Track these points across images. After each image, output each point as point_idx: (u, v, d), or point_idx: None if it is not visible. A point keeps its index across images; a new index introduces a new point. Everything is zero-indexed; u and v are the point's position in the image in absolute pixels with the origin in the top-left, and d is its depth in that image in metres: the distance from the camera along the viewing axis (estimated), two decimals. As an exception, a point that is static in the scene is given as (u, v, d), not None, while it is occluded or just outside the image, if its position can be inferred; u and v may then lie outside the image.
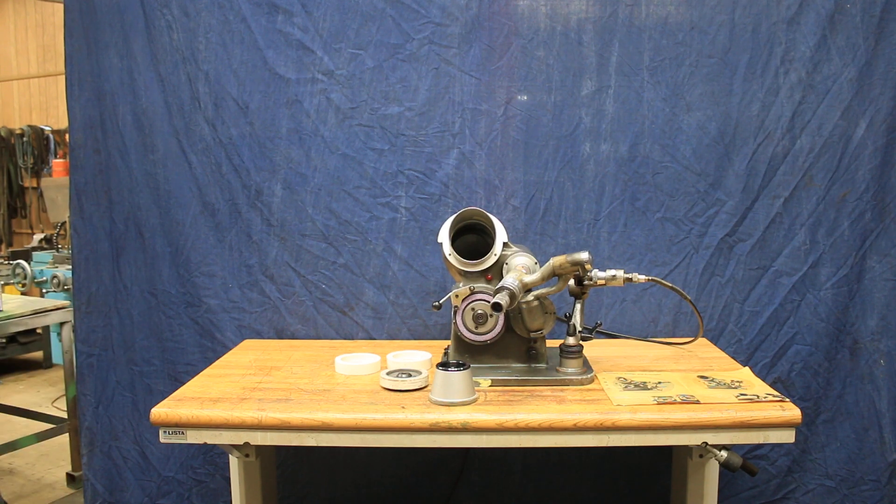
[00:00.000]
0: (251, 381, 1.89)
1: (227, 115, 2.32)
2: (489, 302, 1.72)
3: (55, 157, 6.95)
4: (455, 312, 1.86)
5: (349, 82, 2.28)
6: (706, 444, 1.62)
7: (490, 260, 1.86)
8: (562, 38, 2.24)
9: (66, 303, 3.41)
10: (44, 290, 5.13)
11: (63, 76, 2.47)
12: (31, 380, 5.12)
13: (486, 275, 1.88)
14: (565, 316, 1.89)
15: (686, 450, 1.82)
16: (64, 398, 3.72)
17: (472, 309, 1.85)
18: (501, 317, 1.85)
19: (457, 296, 1.85)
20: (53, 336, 5.12)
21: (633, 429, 1.61)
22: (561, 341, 1.87)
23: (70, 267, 2.66)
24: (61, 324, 3.38)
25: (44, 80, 7.35)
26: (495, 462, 2.39)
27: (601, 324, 2.00)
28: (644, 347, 2.20)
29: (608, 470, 2.37)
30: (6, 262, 5.54)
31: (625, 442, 1.63)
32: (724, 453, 1.62)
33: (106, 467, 2.51)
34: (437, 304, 1.84)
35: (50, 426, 3.52)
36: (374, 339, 2.36)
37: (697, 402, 1.66)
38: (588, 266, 1.75)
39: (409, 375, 1.80)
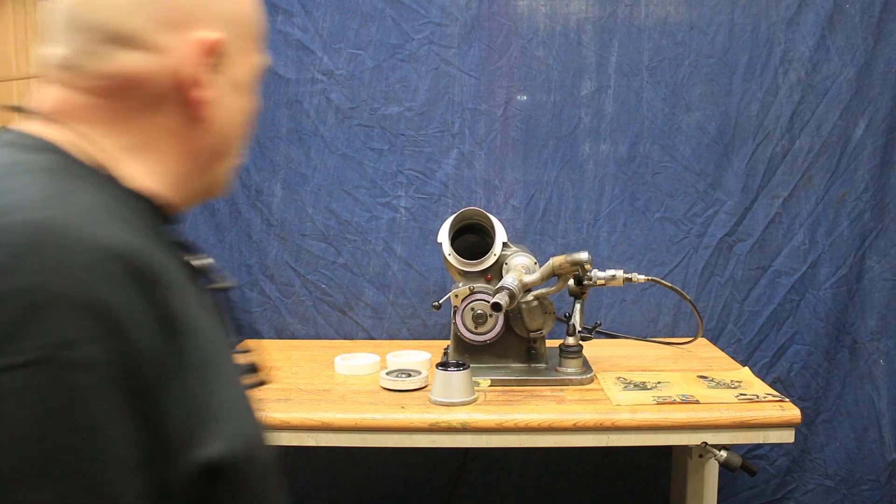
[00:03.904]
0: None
1: (227, 115, 2.32)
2: (489, 302, 1.73)
3: (55, 157, 6.95)
4: (455, 312, 1.86)
5: (349, 82, 2.28)
6: (706, 444, 1.62)
7: (489, 260, 1.87)
8: (561, 38, 2.24)
9: (66, 303, 3.41)
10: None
11: (63, 76, 2.46)
12: (31, 380, 5.12)
13: (485, 275, 1.88)
14: (565, 316, 1.89)
15: (686, 450, 1.83)
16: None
17: (472, 309, 1.85)
18: (501, 317, 1.85)
19: (456, 296, 1.85)
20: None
21: (633, 429, 1.61)
22: (560, 341, 1.87)
23: (70, 267, 2.66)
24: (61, 324, 3.38)
25: (43, 80, 7.35)
26: (495, 462, 2.39)
27: (601, 324, 2.00)
28: (644, 347, 2.20)
29: (608, 470, 2.37)
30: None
31: (624, 442, 1.63)
32: (723, 453, 1.62)
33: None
34: (436, 304, 1.84)
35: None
36: (374, 338, 2.36)
37: (697, 402, 1.66)
38: (587, 266, 1.75)
39: (409, 375, 1.81)
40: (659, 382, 1.80)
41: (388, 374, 1.83)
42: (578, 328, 1.84)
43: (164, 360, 0.51)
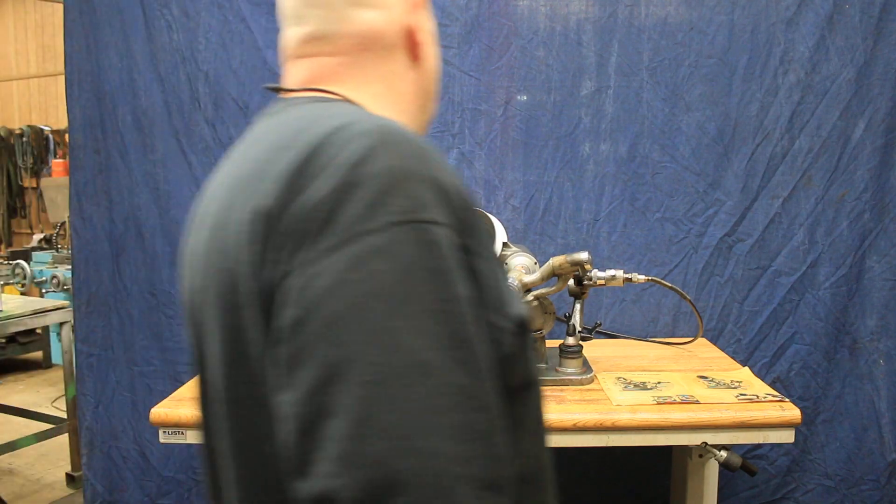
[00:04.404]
0: (251, 381, 1.89)
1: (227, 115, 2.32)
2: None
3: (55, 158, 6.94)
4: (455, 312, 1.86)
5: (349, 82, 2.28)
6: (706, 444, 1.63)
7: (490, 260, 1.86)
8: (561, 38, 2.24)
9: (66, 303, 3.41)
10: (43, 290, 5.13)
11: (63, 76, 2.47)
12: (31, 380, 5.12)
13: (485, 275, 1.88)
14: (565, 316, 1.89)
15: (686, 450, 1.83)
16: (63, 398, 3.72)
17: (472, 309, 1.85)
18: (501, 317, 1.85)
19: (456, 296, 1.85)
20: (53, 336, 5.12)
21: (633, 429, 1.61)
22: (560, 341, 1.87)
23: (70, 267, 2.66)
24: (61, 324, 3.38)
25: (43, 80, 7.35)
26: (495, 462, 2.39)
27: (601, 324, 2.00)
28: (644, 347, 2.20)
29: (608, 470, 2.37)
30: (6, 262, 5.54)
31: (624, 442, 1.63)
32: (723, 453, 1.62)
33: (106, 467, 2.51)
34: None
35: (49, 426, 3.52)
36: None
37: (697, 402, 1.66)
38: (587, 266, 1.75)
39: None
40: (659, 382, 1.80)
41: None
42: (578, 328, 1.84)
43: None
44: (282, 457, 0.57)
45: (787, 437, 1.64)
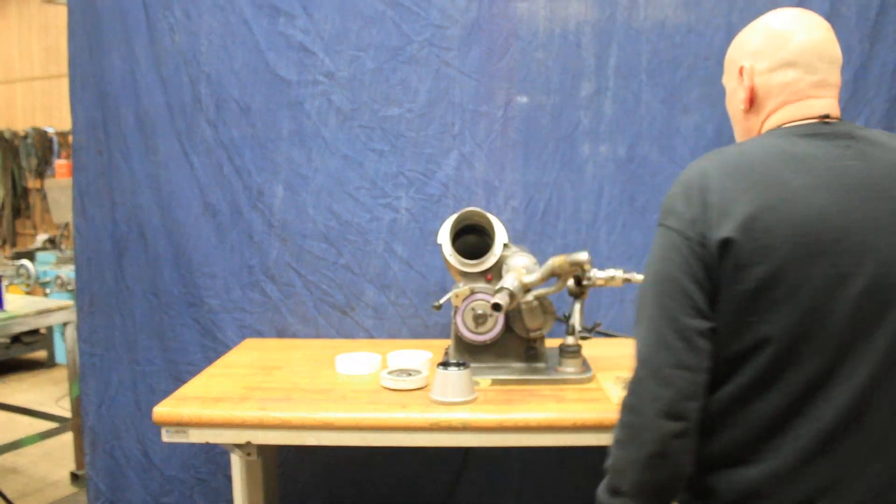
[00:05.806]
0: (252, 380, 1.91)
1: (229, 117, 2.34)
2: (489, 302, 1.74)
3: (58, 159, 6.98)
4: (455, 312, 1.87)
5: (350, 84, 2.30)
6: (703, 442, 1.64)
7: (490, 260, 1.88)
8: (560, 40, 2.25)
9: (70, 303, 3.43)
10: (47, 291, 5.15)
11: (66, 78, 2.48)
12: (35, 379, 5.14)
13: (485, 275, 1.89)
14: (564, 316, 1.90)
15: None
16: (68, 397, 3.74)
17: (472, 309, 1.86)
18: (501, 317, 1.86)
19: (457, 296, 1.86)
20: (57, 336, 5.15)
21: (631, 428, 1.62)
22: (560, 341, 1.89)
23: (73, 267, 2.68)
24: (65, 324, 3.40)
25: (47, 82, 7.37)
26: (495, 461, 2.40)
27: (600, 324, 2.01)
28: (643, 347, 2.21)
29: (607, 469, 2.38)
30: (10, 262, 5.56)
31: (622, 441, 1.64)
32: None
33: (108, 466, 2.53)
34: (437, 304, 1.85)
35: (54, 425, 3.54)
36: (375, 338, 2.37)
37: (694, 402, 1.67)
38: (587, 266, 1.77)
39: (410, 375, 1.82)
40: (657, 382, 1.80)
41: (388, 373, 1.84)
42: (578, 328, 1.85)
43: None
44: None
45: (785, 436, 1.64)
